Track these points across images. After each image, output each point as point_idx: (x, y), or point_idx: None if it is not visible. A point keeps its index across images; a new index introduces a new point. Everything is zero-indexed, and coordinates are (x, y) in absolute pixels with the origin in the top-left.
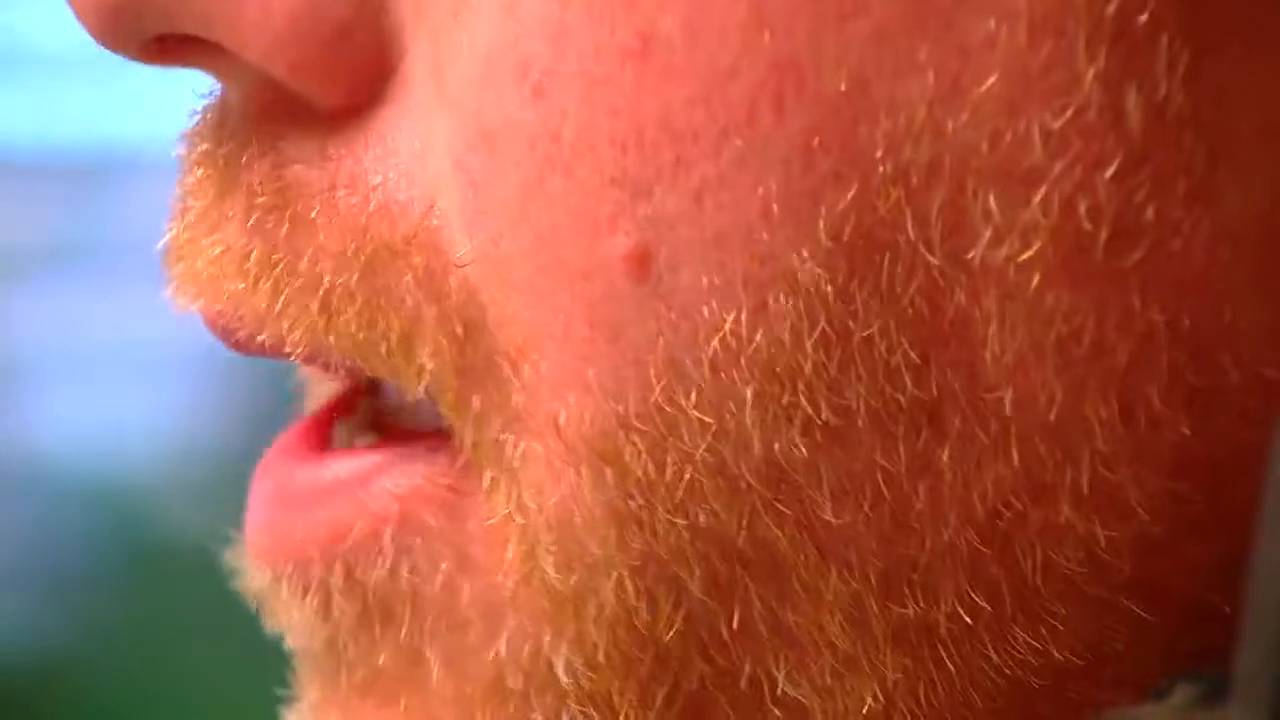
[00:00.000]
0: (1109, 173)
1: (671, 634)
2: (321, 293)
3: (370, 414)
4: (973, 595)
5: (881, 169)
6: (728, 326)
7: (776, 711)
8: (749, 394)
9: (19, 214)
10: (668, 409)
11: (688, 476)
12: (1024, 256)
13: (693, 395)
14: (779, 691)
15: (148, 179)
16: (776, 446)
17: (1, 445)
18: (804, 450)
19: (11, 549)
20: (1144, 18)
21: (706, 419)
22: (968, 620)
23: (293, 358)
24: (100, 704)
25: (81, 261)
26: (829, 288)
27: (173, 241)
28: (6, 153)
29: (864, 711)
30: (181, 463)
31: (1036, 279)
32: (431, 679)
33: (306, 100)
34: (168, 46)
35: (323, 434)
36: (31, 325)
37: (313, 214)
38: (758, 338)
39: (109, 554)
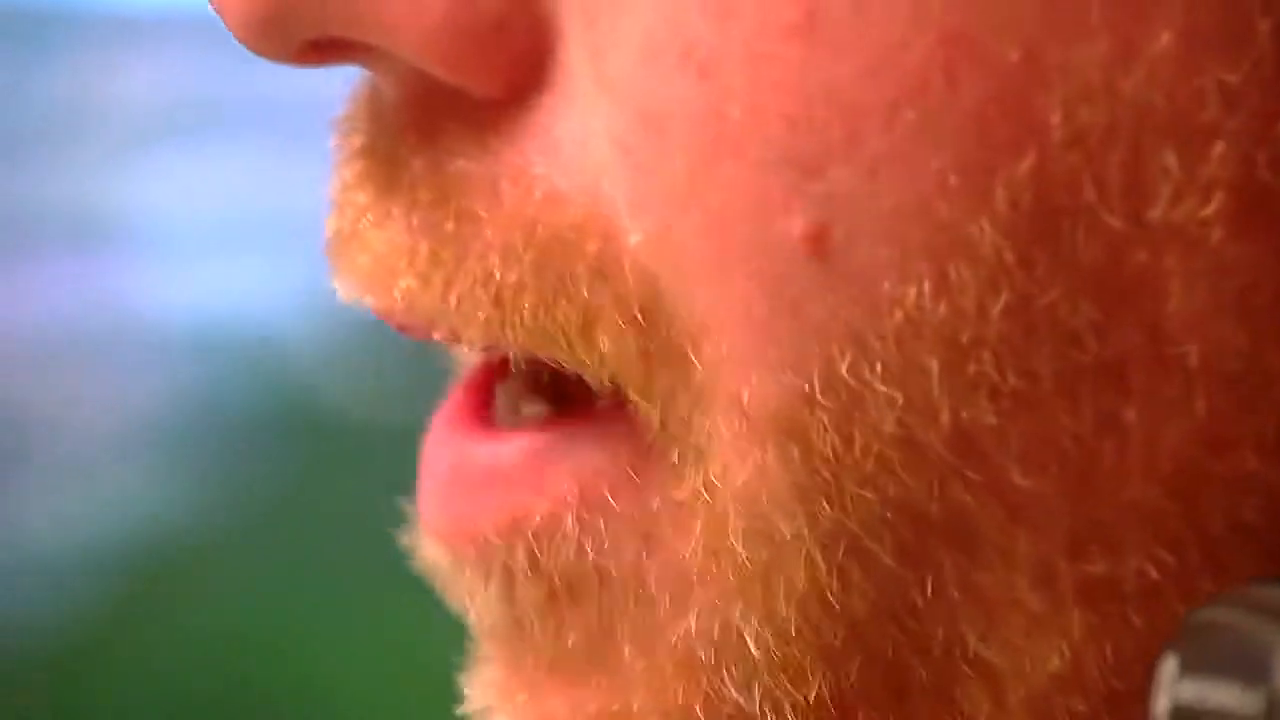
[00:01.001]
0: None
1: (864, 605)
2: (494, 287)
3: (531, 376)
4: (1159, 551)
5: (1058, 134)
6: (910, 299)
7: (969, 672)
8: (934, 365)
9: (163, 73)
10: (853, 384)
11: (875, 450)
12: (1205, 212)
13: (878, 369)
14: (971, 653)
15: None
16: (964, 415)
17: (151, 313)
18: (992, 417)
19: (163, 419)
20: None
21: (892, 392)
22: (1155, 576)
23: (471, 350)
24: (254, 572)
25: (229, 122)
26: (1010, 256)
27: (336, 234)
28: (139, 10)
29: (1051, 670)
30: (335, 330)
31: (1218, 233)
32: (623, 657)
33: (464, 91)
34: (321, 48)
35: (485, 401)
36: (180, 188)
37: (477, 208)
38: (941, 309)
39: (262, 423)
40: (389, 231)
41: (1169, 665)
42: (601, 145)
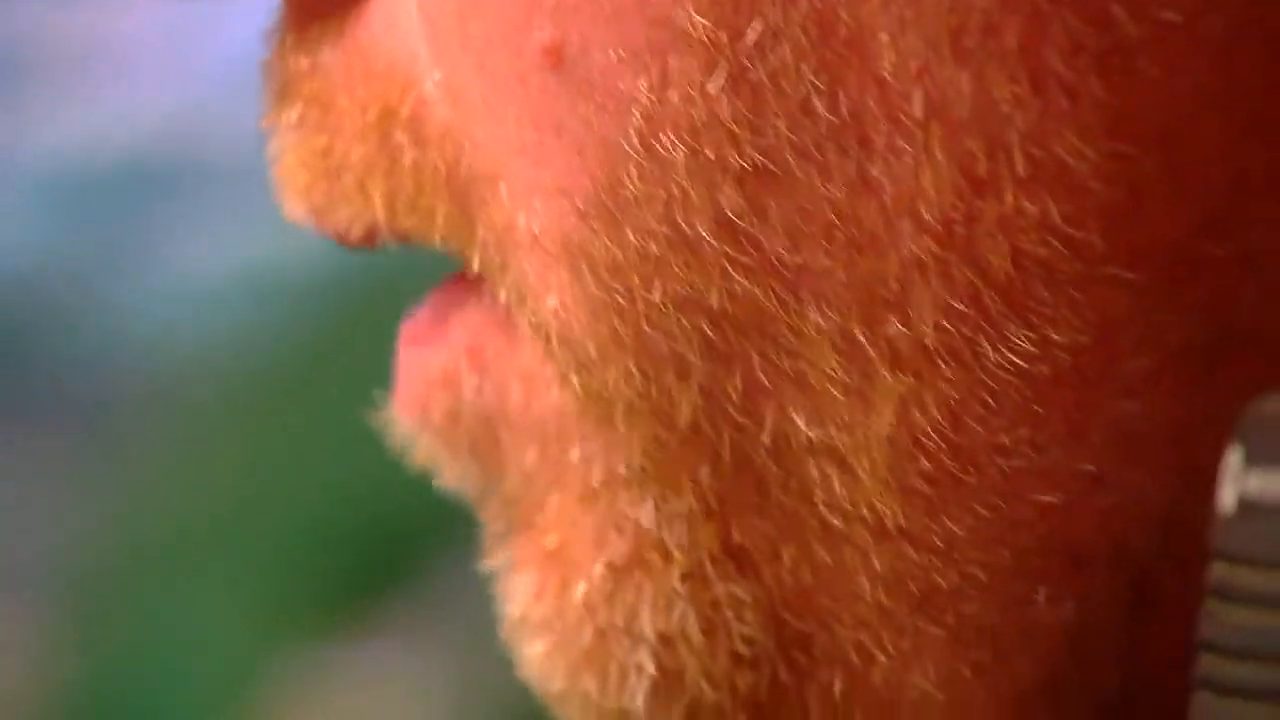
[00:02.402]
0: None
1: (691, 409)
2: (354, 174)
3: None
4: (951, 302)
5: None
6: (643, 95)
7: (811, 456)
8: (680, 156)
9: None
10: (616, 189)
11: (652, 252)
12: None
13: (632, 172)
14: (805, 437)
15: None
16: (720, 201)
17: None
18: (745, 198)
19: None
20: None
21: (651, 190)
22: (955, 327)
23: (354, 243)
24: None
25: None
26: (722, 35)
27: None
28: None
29: (885, 436)
30: None
31: None
32: (543, 497)
33: None
34: None
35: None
36: None
37: (338, 98)
38: (672, 99)
39: None
40: (288, 140)
41: (1234, 457)
42: (412, 10)
